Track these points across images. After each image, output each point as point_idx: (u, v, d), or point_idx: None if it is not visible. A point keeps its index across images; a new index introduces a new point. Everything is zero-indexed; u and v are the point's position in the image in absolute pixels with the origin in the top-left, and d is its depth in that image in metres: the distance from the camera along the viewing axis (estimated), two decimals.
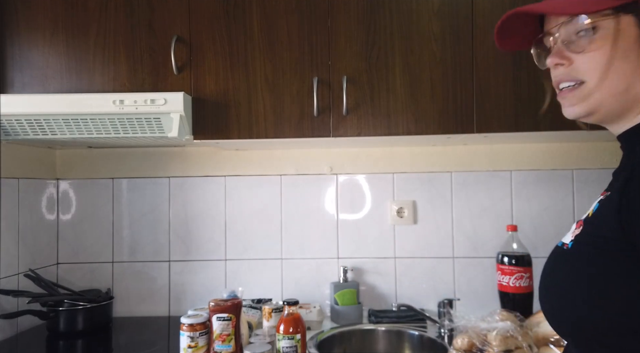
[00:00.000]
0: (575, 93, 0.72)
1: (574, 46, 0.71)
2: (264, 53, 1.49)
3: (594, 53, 0.69)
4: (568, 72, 0.72)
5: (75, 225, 1.85)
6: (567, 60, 0.72)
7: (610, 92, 0.69)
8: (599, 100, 0.70)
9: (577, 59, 0.71)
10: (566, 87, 0.73)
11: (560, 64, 0.72)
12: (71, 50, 1.50)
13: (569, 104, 0.73)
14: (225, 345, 1.28)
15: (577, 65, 0.71)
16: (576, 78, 0.71)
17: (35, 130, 1.44)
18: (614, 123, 0.74)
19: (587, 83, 0.70)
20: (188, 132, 1.46)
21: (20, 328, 1.62)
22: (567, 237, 0.72)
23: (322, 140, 1.57)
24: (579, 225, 0.71)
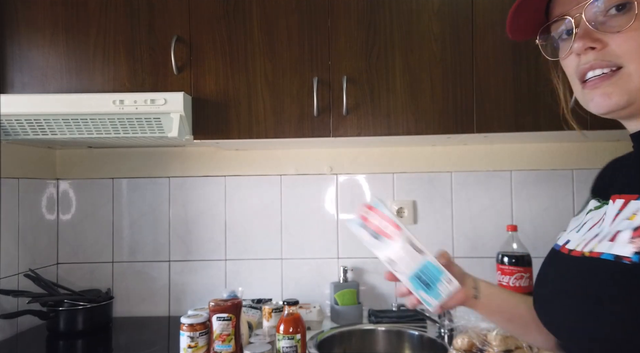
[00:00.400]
0: (612, 80, 0.61)
1: (607, 26, 0.61)
2: (264, 53, 1.49)
3: (633, 31, 0.59)
4: (602, 56, 0.62)
5: (75, 225, 1.85)
6: (599, 43, 0.62)
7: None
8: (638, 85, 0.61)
9: (611, 41, 0.61)
10: (598, 75, 0.62)
11: (592, 47, 0.62)
12: (71, 50, 1.50)
13: (603, 93, 0.62)
14: (225, 345, 1.28)
15: (612, 48, 0.61)
16: (613, 63, 0.61)
17: (35, 130, 1.44)
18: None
19: (626, 67, 0.60)
20: (188, 132, 1.46)
21: (20, 328, 1.62)
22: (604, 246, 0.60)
23: (322, 140, 1.57)
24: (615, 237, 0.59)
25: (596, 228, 0.66)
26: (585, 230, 0.68)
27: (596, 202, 0.71)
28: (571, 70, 0.67)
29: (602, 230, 0.63)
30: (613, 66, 0.61)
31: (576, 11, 0.63)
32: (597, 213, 0.69)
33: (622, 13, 0.60)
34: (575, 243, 0.67)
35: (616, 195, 0.65)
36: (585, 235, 0.67)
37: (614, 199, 0.65)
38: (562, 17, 0.66)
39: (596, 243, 0.61)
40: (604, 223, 0.64)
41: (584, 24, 0.63)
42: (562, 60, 0.69)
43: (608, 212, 0.64)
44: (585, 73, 0.64)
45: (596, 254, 0.59)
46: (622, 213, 0.61)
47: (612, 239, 0.59)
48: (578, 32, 0.63)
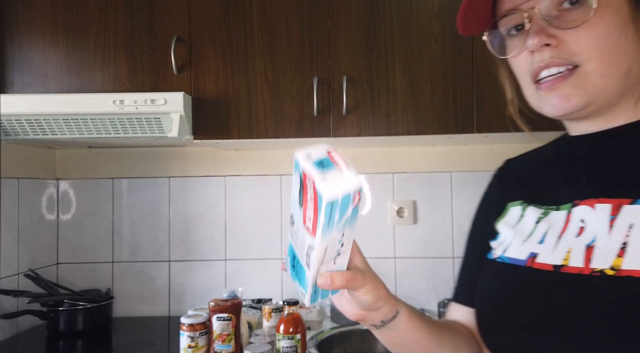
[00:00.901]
0: (570, 81, 0.56)
1: (562, 21, 0.56)
2: (264, 53, 1.49)
3: (592, 27, 0.55)
4: (558, 53, 0.56)
5: (75, 225, 1.85)
6: (554, 40, 0.56)
7: (613, 74, 0.56)
8: (600, 87, 0.56)
9: (567, 37, 0.56)
10: (554, 75, 0.57)
11: (547, 44, 0.56)
12: (71, 50, 1.50)
13: (562, 95, 0.57)
14: (225, 345, 1.28)
15: (569, 45, 0.56)
16: (570, 61, 0.56)
17: (35, 130, 1.44)
18: (604, 116, 0.60)
19: (583, 66, 0.56)
20: (188, 132, 1.46)
21: (20, 328, 1.62)
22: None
23: (322, 140, 1.57)
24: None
25: (571, 237, 0.58)
26: (553, 240, 0.59)
27: (536, 208, 0.65)
28: (523, 68, 0.62)
29: (596, 240, 0.55)
30: (570, 64, 0.56)
31: (528, 5, 0.58)
32: (553, 221, 0.61)
33: (577, 7, 0.55)
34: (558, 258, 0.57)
35: (591, 200, 0.58)
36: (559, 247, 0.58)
37: (590, 204, 0.58)
38: (512, 11, 0.60)
39: (614, 257, 0.52)
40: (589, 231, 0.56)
41: (537, 19, 0.57)
42: (511, 59, 0.64)
43: (588, 219, 0.57)
44: (539, 72, 0.59)
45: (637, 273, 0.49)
46: (620, 220, 0.54)
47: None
48: (532, 28, 0.57)
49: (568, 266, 0.55)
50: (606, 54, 0.55)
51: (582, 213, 0.58)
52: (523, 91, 0.66)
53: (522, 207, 0.67)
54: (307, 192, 0.51)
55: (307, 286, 0.57)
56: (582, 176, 0.62)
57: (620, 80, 0.57)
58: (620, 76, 0.56)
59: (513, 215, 0.68)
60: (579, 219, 0.58)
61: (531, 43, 0.57)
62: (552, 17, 0.57)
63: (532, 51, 0.58)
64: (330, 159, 0.51)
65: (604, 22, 0.55)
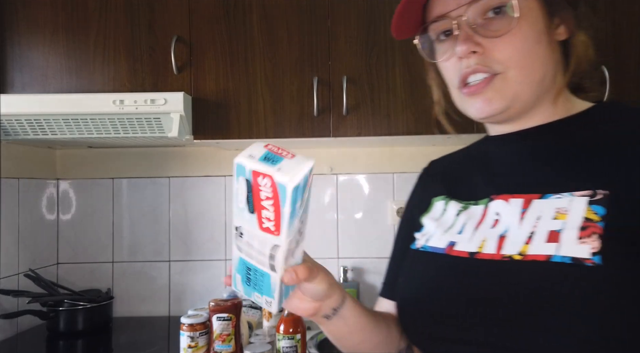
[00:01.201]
0: (492, 85, 0.61)
1: (486, 30, 0.60)
2: (264, 53, 1.49)
3: (513, 37, 0.59)
4: (483, 61, 0.61)
5: (76, 225, 1.85)
6: (480, 47, 0.60)
7: (530, 81, 0.61)
8: (518, 91, 0.61)
9: (491, 45, 0.60)
10: (479, 80, 0.61)
11: (474, 51, 0.60)
12: (71, 50, 1.50)
13: (485, 99, 0.62)
14: (225, 345, 1.28)
15: (492, 53, 0.60)
16: (493, 68, 0.61)
17: (35, 130, 1.44)
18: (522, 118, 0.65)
19: (504, 73, 0.60)
20: (188, 132, 1.46)
21: (20, 328, 1.62)
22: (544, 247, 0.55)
23: (322, 140, 1.57)
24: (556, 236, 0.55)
25: (486, 228, 0.62)
26: (470, 231, 0.64)
27: (458, 203, 0.69)
28: (451, 73, 0.65)
29: (508, 231, 0.59)
30: (493, 71, 0.61)
31: (457, 12, 0.61)
32: (472, 213, 0.65)
33: (500, 17, 0.59)
34: (473, 245, 0.61)
35: (505, 195, 0.62)
36: (475, 236, 0.62)
37: (505, 198, 0.62)
38: (441, 17, 0.63)
39: (522, 245, 0.56)
40: (502, 223, 0.60)
41: (465, 27, 0.61)
42: (440, 62, 0.67)
43: (502, 212, 0.61)
44: (467, 77, 0.62)
45: (542, 257, 0.54)
46: (530, 212, 0.58)
47: (551, 240, 0.54)
48: (460, 35, 0.61)
49: (482, 253, 0.60)
50: (523, 62, 0.60)
51: (497, 207, 0.63)
52: (450, 94, 0.70)
53: (445, 201, 0.72)
54: (261, 192, 0.50)
55: (273, 291, 0.56)
56: (499, 173, 0.67)
57: (536, 86, 0.62)
58: (535, 82, 0.61)
59: (437, 209, 0.73)
60: (495, 212, 0.63)
61: (459, 50, 0.61)
62: (478, 26, 0.61)
63: (460, 57, 0.62)
64: (271, 152, 0.51)
65: (522, 33, 0.59)
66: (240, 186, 0.52)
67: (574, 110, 0.65)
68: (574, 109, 0.66)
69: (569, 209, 0.55)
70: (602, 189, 0.55)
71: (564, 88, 0.66)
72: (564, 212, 0.56)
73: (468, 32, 0.61)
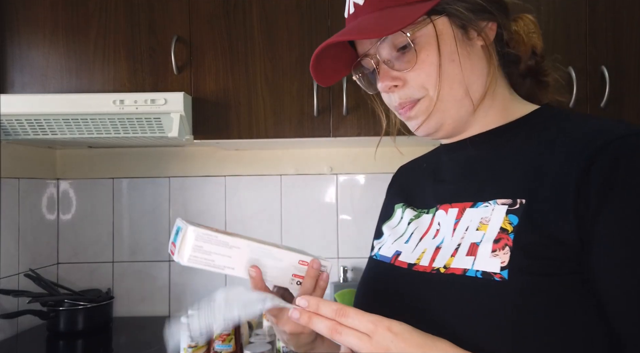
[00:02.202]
0: (419, 108, 0.64)
1: (400, 64, 0.63)
2: (264, 53, 1.49)
3: (423, 66, 0.62)
4: (406, 92, 0.64)
5: (76, 225, 1.85)
6: (399, 81, 0.64)
7: (452, 99, 0.63)
8: (443, 109, 0.64)
9: (407, 77, 0.63)
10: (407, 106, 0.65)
11: (395, 85, 0.64)
12: (71, 50, 1.50)
13: (419, 121, 0.66)
14: (226, 344, 1.28)
15: (410, 83, 0.63)
16: (415, 98, 0.64)
17: (35, 130, 1.44)
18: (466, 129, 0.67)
19: (425, 97, 0.63)
20: (188, 132, 1.46)
21: (20, 328, 1.62)
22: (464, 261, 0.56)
23: (322, 140, 1.57)
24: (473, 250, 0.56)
25: (429, 239, 0.64)
26: (416, 241, 0.66)
27: (412, 210, 0.72)
28: (387, 101, 0.70)
29: (443, 242, 0.61)
30: (415, 98, 0.64)
31: (373, 51, 0.65)
32: (421, 223, 0.68)
33: (408, 50, 0.62)
34: (414, 257, 0.64)
35: (447, 205, 0.64)
36: (418, 247, 0.64)
37: (445, 209, 0.64)
38: (365, 55, 0.67)
39: (449, 257, 0.58)
40: (441, 233, 0.63)
41: (381, 64, 0.64)
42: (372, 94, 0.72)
43: (442, 222, 0.64)
44: (398, 107, 0.67)
45: (459, 271, 0.55)
46: (462, 223, 0.60)
47: (470, 253, 0.56)
48: (380, 72, 0.65)
49: (419, 265, 0.62)
50: (440, 84, 0.62)
51: (440, 217, 0.65)
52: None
53: (402, 209, 0.75)
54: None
55: None
56: (444, 182, 0.70)
57: (460, 101, 0.63)
58: (458, 99, 0.63)
59: (396, 216, 0.75)
60: (438, 222, 0.65)
61: (381, 86, 0.65)
62: (392, 61, 0.64)
63: (385, 92, 0.66)
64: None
65: (430, 60, 0.61)
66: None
67: (514, 116, 0.66)
68: (514, 115, 0.66)
69: (490, 219, 0.57)
70: (519, 198, 0.56)
71: (508, 92, 0.67)
72: (486, 222, 0.57)
73: (384, 69, 0.64)
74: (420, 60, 0.61)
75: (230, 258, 0.67)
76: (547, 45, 1.59)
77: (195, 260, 0.64)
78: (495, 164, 0.63)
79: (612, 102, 1.41)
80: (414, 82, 0.63)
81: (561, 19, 1.44)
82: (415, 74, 0.62)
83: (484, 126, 0.66)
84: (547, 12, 1.45)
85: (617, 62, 1.42)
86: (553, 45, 1.44)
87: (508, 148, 0.63)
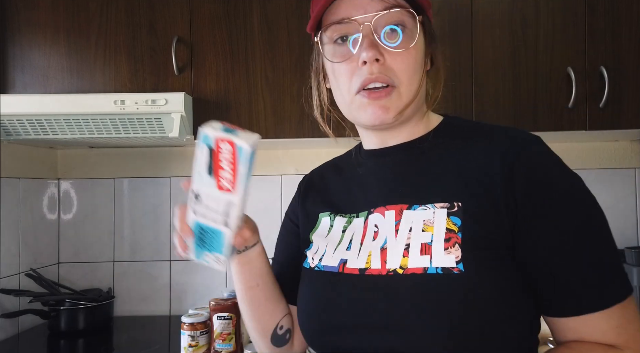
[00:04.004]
0: (391, 97, 0.65)
1: (389, 42, 0.64)
2: (264, 53, 1.49)
3: (407, 55, 0.65)
4: (384, 70, 0.64)
5: (77, 224, 1.85)
6: (382, 57, 0.64)
7: (412, 97, 0.67)
8: (405, 105, 0.66)
9: (389, 57, 0.64)
10: (378, 88, 0.65)
11: (377, 59, 0.64)
12: (72, 50, 1.51)
13: (382, 106, 0.65)
14: (226, 344, 1.29)
15: (390, 64, 0.64)
16: (391, 79, 0.65)
17: (36, 130, 1.44)
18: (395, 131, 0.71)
19: (398, 86, 0.65)
20: (189, 132, 1.46)
21: (21, 328, 1.63)
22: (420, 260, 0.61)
23: (322, 140, 1.57)
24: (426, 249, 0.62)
25: (369, 241, 0.67)
26: (357, 246, 0.68)
27: (342, 217, 0.74)
28: (349, 77, 0.67)
29: (387, 243, 0.65)
30: (389, 82, 0.65)
31: (362, 19, 0.64)
32: (355, 227, 0.71)
33: (397, 32, 0.64)
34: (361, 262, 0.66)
35: (381, 207, 0.68)
36: (362, 252, 0.67)
37: (381, 211, 0.68)
38: (346, 20, 0.65)
39: (401, 258, 0.62)
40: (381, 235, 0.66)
41: (370, 34, 0.64)
42: (335, 64, 0.68)
43: (379, 224, 0.67)
44: (368, 83, 0.65)
45: (419, 270, 0.61)
46: (403, 224, 0.65)
47: (424, 252, 0.61)
48: (365, 41, 0.64)
49: (370, 268, 0.65)
50: (411, 80, 0.66)
51: (375, 220, 0.68)
52: (339, 97, 0.72)
53: (330, 217, 0.76)
54: (220, 155, 0.61)
55: (223, 247, 0.64)
56: (373, 187, 0.73)
57: (415, 103, 0.68)
58: (415, 101, 0.68)
59: (324, 225, 0.77)
60: (374, 224, 0.68)
61: (367, 55, 0.63)
62: (380, 36, 0.64)
63: (364, 62, 0.64)
64: (228, 126, 0.63)
65: (413, 53, 0.65)
66: (202, 152, 0.63)
67: (431, 127, 0.73)
68: (431, 125, 0.73)
69: (433, 221, 0.63)
70: (456, 201, 0.63)
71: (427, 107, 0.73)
72: (430, 224, 0.63)
73: (373, 40, 0.64)
74: (410, 50, 0.65)
75: None
76: (546, 46, 1.60)
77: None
78: (424, 170, 0.68)
79: (611, 102, 1.41)
80: (395, 66, 0.65)
81: (560, 19, 1.45)
82: (399, 58, 0.64)
83: (412, 134, 0.72)
84: (546, 12, 1.45)
85: (616, 62, 1.43)
86: (552, 45, 1.44)
87: (433, 154, 0.69)
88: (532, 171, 0.61)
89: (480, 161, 0.64)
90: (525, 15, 1.45)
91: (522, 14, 1.45)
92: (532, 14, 1.45)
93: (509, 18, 1.46)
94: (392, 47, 0.64)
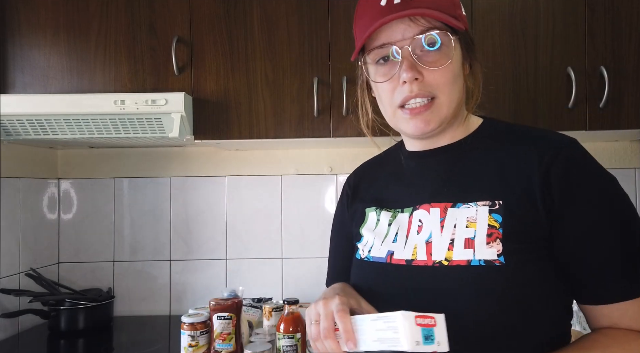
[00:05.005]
0: (431, 109, 0.72)
1: (426, 61, 0.70)
2: (264, 53, 1.49)
3: (446, 70, 0.71)
4: (423, 87, 0.71)
5: (77, 224, 1.85)
6: (421, 75, 0.71)
7: (454, 106, 0.73)
8: (446, 114, 0.73)
9: (427, 73, 0.71)
10: (419, 103, 0.72)
11: (416, 78, 0.71)
12: (72, 50, 1.51)
13: (424, 119, 0.72)
14: (226, 344, 1.29)
15: (429, 81, 0.71)
16: (430, 93, 0.71)
17: (36, 130, 1.44)
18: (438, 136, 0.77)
19: (438, 98, 0.72)
20: (189, 132, 1.46)
21: (21, 328, 1.63)
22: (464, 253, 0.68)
23: (322, 140, 1.57)
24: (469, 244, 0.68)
25: (414, 235, 0.74)
26: (403, 239, 0.75)
27: (387, 212, 0.80)
28: (388, 93, 0.74)
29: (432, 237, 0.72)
30: (430, 96, 0.71)
31: (401, 43, 0.71)
32: (400, 222, 0.77)
33: (436, 52, 0.70)
34: (408, 253, 0.73)
35: (426, 205, 0.75)
36: (407, 244, 0.74)
37: (426, 208, 0.74)
38: (387, 45, 0.72)
39: (446, 251, 0.69)
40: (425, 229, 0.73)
41: (408, 56, 0.70)
42: (378, 83, 0.75)
43: (424, 220, 0.74)
44: (408, 100, 0.72)
45: (463, 262, 0.68)
46: (447, 221, 0.71)
47: (468, 247, 0.68)
48: (405, 63, 0.70)
49: (417, 260, 0.72)
50: (450, 90, 0.72)
51: (420, 215, 0.75)
52: (383, 109, 0.79)
53: (377, 212, 0.82)
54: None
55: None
56: (417, 185, 0.79)
57: (455, 111, 0.74)
58: (456, 109, 0.74)
59: (371, 220, 0.83)
60: (418, 220, 0.75)
61: (407, 76, 0.70)
62: (418, 56, 0.71)
63: (404, 82, 0.71)
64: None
65: (450, 66, 0.71)
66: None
67: (471, 129, 0.79)
68: (471, 128, 0.79)
69: (476, 218, 0.70)
70: (497, 200, 0.69)
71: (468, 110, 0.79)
72: (473, 220, 0.70)
73: (411, 61, 0.70)
74: (447, 65, 0.70)
75: None
76: (546, 46, 1.60)
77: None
78: (466, 170, 0.75)
79: (611, 102, 1.41)
80: (434, 80, 0.71)
81: (560, 19, 1.45)
82: (437, 74, 0.71)
83: (454, 137, 0.78)
84: (546, 12, 1.45)
85: (616, 62, 1.43)
86: (552, 45, 1.44)
87: (474, 155, 0.75)
88: (568, 171, 0.67)
89: (519, 162, 0.70)
90: (525, 15, 1.45)
91: (522, 14, 1.45)
92: (532, 14, 1.45)
93: (509, 18, 1.46)
94: (429, 66, 0.70)
